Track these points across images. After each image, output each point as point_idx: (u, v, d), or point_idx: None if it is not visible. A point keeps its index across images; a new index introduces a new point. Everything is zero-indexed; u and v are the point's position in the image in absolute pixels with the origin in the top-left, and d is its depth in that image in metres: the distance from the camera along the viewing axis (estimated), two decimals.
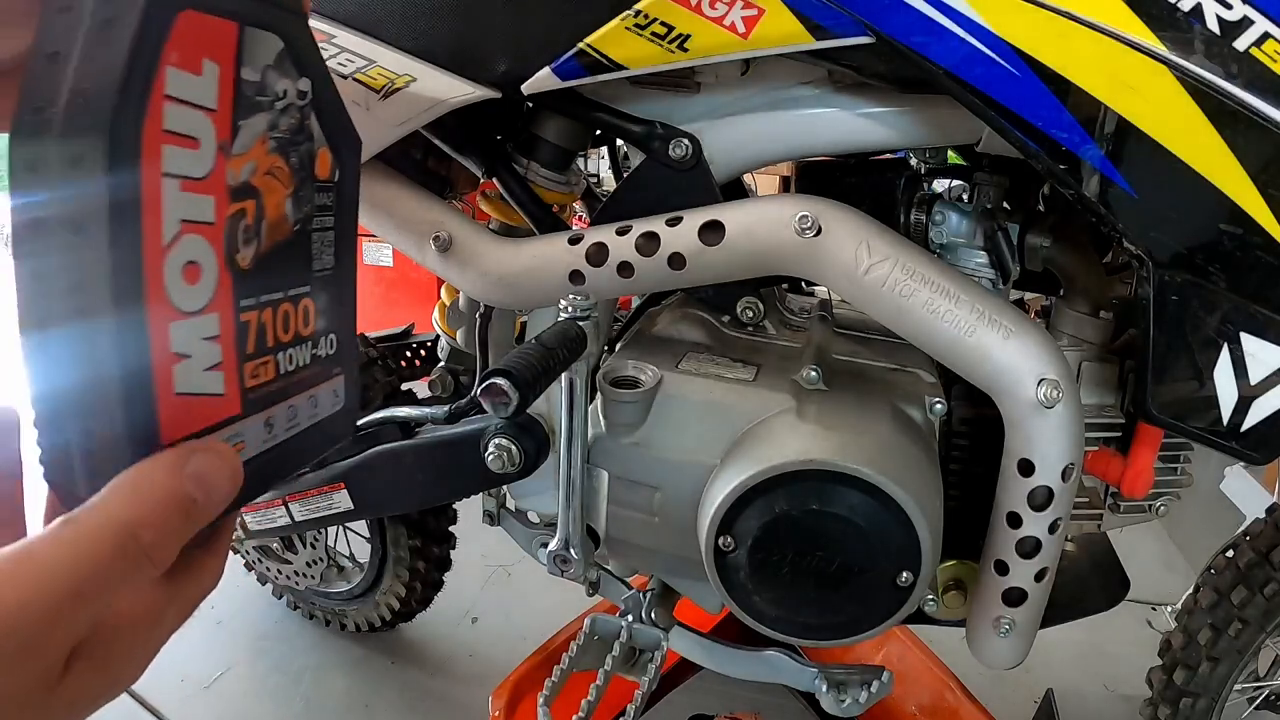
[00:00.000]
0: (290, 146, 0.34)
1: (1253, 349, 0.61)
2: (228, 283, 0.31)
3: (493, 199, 0.92)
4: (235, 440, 0.32)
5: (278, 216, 0.34)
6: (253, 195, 0.32)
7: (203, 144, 0.29)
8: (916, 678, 1.25)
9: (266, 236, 0.33)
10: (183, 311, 0.29)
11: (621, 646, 0.83)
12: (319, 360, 0.37)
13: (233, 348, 0.31)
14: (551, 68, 0.70)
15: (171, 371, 0.28)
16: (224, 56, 0.30)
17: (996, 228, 0.80)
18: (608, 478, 0.76)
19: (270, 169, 0.33)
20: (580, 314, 0.67)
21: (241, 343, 0.32)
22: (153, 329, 0.27)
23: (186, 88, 0.28)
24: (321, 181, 0.37)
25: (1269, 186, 0.56)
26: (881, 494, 0.64)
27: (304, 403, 0.36)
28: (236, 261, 0.31)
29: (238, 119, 0.31)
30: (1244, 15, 0.54)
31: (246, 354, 0.32)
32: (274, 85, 0.33)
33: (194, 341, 0.29)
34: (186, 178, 0.28)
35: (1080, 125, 0.58)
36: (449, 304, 1.06)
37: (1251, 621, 0.96)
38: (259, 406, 0.33)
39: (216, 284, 0.30)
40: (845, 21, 0.61)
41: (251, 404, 0.33)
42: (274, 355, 0.34)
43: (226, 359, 0.31)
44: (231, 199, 0.31)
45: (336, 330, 0.38)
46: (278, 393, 0.34)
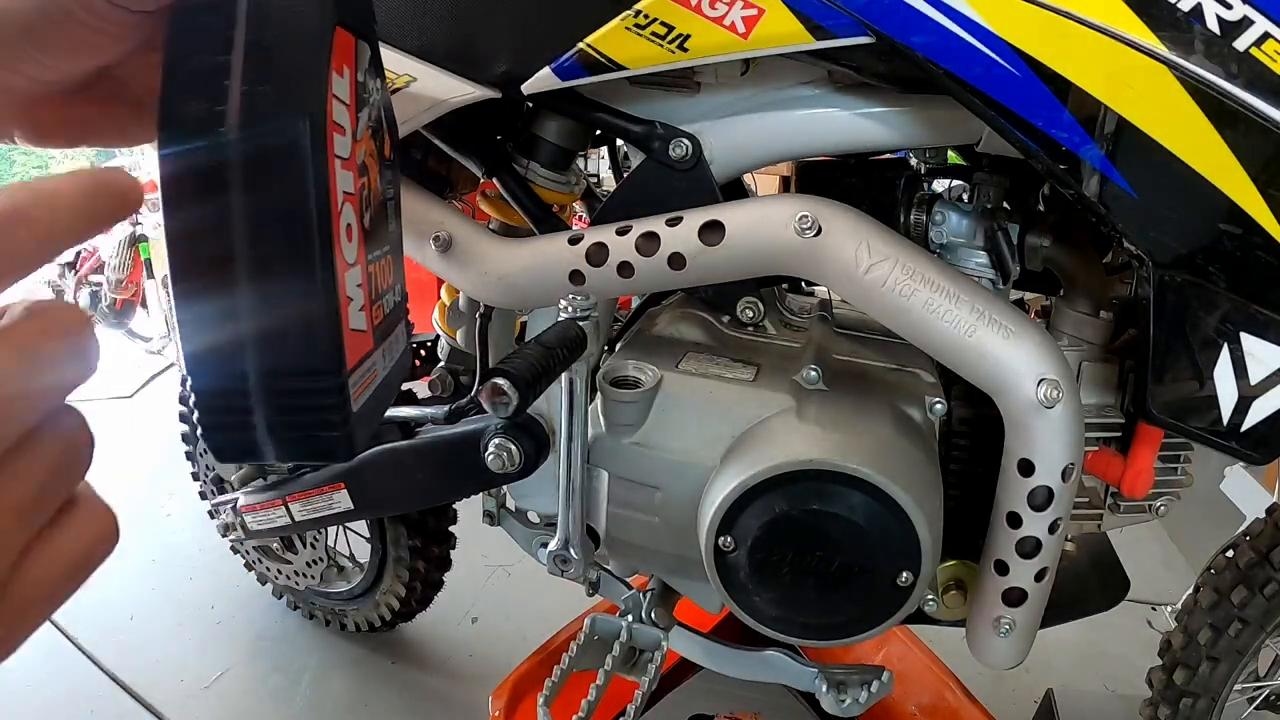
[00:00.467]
0: (377, 134, 0.42)
1: (1253, 349, 0.61)
2: (363, 240, 0.38)
3: (493, 199, 0.92)
4: (372, 369, 0.39)
5: (376, 189, 0.41)
6: (366, 173, 0.39)
7: (346, 131, 0.36)
8: (916, 678, 1.25)
9: (373, 204, 0.41)
10: (349, 262, 0.36)
11: (621, 646, 0.83)
12: (396, 305, 0.45)
13: (367, 293, 0.38)
14: (551, 68, 0.70)
15: (347, 310, 0.35)
16: (350, 63, 0.37)
17: (996, 228, 0.80)
18: (608, 478, 0.76)
19: (370, 152, 0.40)
20: (580, 314, 0.67)
21: (371, 289, 0.39)
22: (339, 275, 0.34)
23: (338, 88, 0.35)
24: (388, 161, 0.44)
25: (1269, 186, 0.56)
26: (881, 494, 0.64)
27: (394, 339, 0.44)
28: (364, 223, 0.39)
29: (358, 112, 0.38)
30: (1244, 15, 0.54)
31: (373, 298, 0.40)
32: (370, 84, 0.40)
33: (354, 287, 0.36)
34: (342, 158, 0.35)
35: (1080, 125, 0.58)
36: (449, 304, 1.06)
37: (1251, 621, 0.96)
38: (380, 340, 0.40)
39: (359, 241, 0.37)
40: (845, 21, 0.61)
41: (378, 338, 0.40)
42: (381, 300, 0.42)
43: (366, 301, 0.38)
44: (358, 174, 0.38)
45: (400, 280, 0.46)
46: (384, 331, 0.42)
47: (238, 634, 1.57)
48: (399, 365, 0.45)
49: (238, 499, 1.20)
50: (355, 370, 0.36)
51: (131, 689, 1.42)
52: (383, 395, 0.40)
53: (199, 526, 1.61)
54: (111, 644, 1.52)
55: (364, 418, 0.37)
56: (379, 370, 0.40)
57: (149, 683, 1.44)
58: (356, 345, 0.36)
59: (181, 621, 1.60)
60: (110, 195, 0.26)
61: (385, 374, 0.41)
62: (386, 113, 0.44)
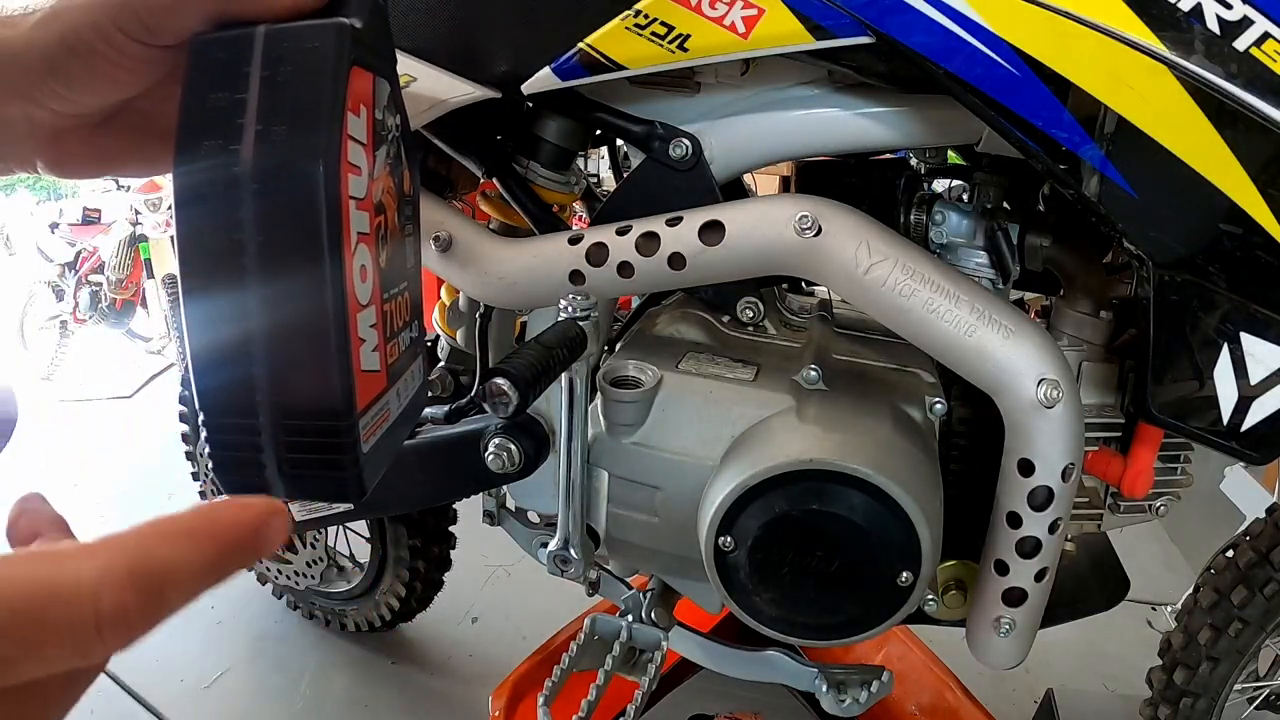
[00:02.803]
0: (395, 169, 0.41)
1: (1253, 349, 0.60)
2: (378, 280, 0.38)
3: (493, 199, 0.92)
4: (385, 409, 0.39)
5: (394, 227, 0.41)
6: (383, 211, 0.39)
7: (363, 171, 0.36)
8: (916, 678, 1.25)
9: (390, 243, 0.40)
10: (361, 304, 0.35)
11: (621, 646, 0.83)
12: (413, 342, 0.44)
13: (381, 332, 0.38)
14: (551, 68, 0.70)
15: (359, 353, 0.35)
16: (368, 102, 0.36)
17: (996, 228, 0.80)
18: (608, 478, 0.76)
19: (388, 189, 0.40)
20: (580, 314, 0.67)
21: (386, 328, 0.39)
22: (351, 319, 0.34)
23: (354, 128, 0.35)
24: (407, 196, 0.44)
25: (1269, 186, 0.56)
26: (882, 494, 0.64)
27: (409, 377, 0.43)
28: (380, 262, 0.38)
29: (375, 150, 0.37)
30: (1244, 15, 0.54)
31: (388, 337, 0.39)
32: (388, 121, 0.40)
33: (366, 328, 0.36)
34: (357, 199, 0.35)
35: (1080, 125, 0.58)
36: (449, 304, 1.06)
37: (1251, 621, 0.96)
38: (395, 380, 0.40)
39: (374, 282, 0.37)
40: (845, 21, 0.61)
41: (392, 377, 0.40)
42: (398, 338, 0.41)
43: (380, 341, 0.38)
44: (375, 213, 0.37)
45: (418, 317, 0.46)
46: (399, 370, 0.41)
47: (238, 634, 1.57)
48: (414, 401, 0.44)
49: None
50: (367, 411, 0.36)
51: (131, 689, 1.42)
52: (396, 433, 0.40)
53: None
54: None
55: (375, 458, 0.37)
56: (392, 409, 0.39)
57: (149, 683, 1.44)
58: (368, 386, 0.36)
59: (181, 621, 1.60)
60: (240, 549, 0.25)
61: (400, 411, 0.41)
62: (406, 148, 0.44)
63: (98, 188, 4.26)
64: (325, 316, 0.32)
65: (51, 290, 3.93)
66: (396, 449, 0.40)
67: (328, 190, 0.32)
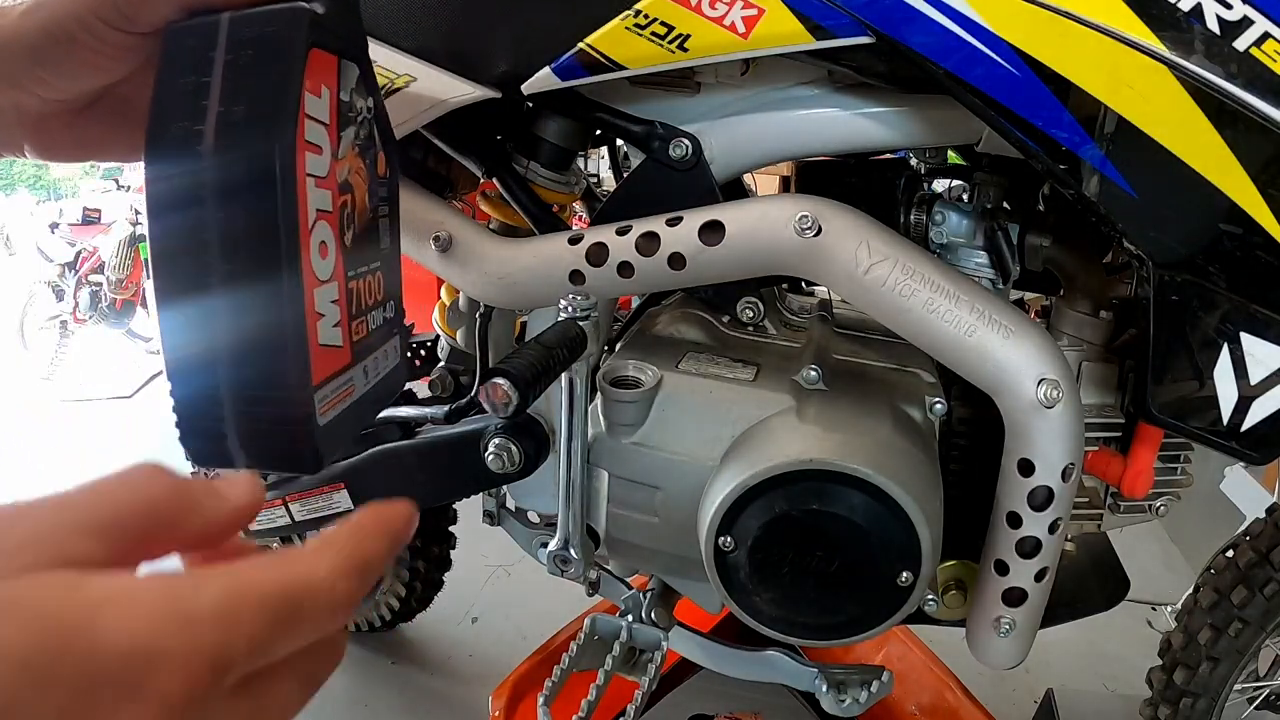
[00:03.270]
0: (366, 151, 0.43)
1: (1253, 349, 0.60)
2: (341, 258, 0.39)
3: (493, 199, 0.92)
4: (348, 384, 0.40)
5: (363, 206, 0.42)
6: (349, 190, 0.40)
7: (324, 150, 0.37)
8: (916, 678, 1.25)
9: (358, 222, 0.41)
10: (320, 279, 0.37)
11: (621, 646, 0.83)
12: (386, 321, 0.46)
13: (346, 309, 0.39)
14: (551, 67, 0.70)
15: (317, 326, 0.36)
16: (330, 82, 0.38)
17: (996, 228, 0.80)
18: (608, 478, 0.76)
19: (356, 169, 0.41)
20: (580, 314, 0.67)
21: (350, 305, 0.40)
22: (306, 293, 0.35)
23: (314, 107, 0.36)
24: (381, 178, 0.45)
25: (1269, 186, 0.56)
26: (882, 494, 0.64)
27: (380, 355, 0.45)
28: (345, 241, 0.40)
29: (340, 130, 0.39)
30: (1244, 15, 0.54)
31: (353, 314, 0.40)
32: (356, 103, 0.41)
33: (326, 304, 0.37)
34: (317, 176, 0.36)
35: (1080, 125, 0.58)
36: (449, 304, 1.06)
37: (1251, 621, 0.96)
38: (361, 357, 0.42)
39: (335, 258, 0.38)
40: (845, 21, 0.61)
41: (358, 354, 0.41)
42: (366, 316, 0.42)
43: (343, 318, 0.39)
44: (339, 192, 0.39)
45: (394, 297, 0.47)
46: (368, 347, 0.43)
47: None
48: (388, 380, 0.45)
49: None
50: (325, 385, 0.37)
51: None
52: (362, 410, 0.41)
53: None
54: None
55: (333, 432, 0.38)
56: (356, 386, 0.41)
57: None
58: (328, 360, 0.37)
59: None
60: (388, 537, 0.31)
61: (367, 389, 0.42)
62: (381, 130, 0.45)
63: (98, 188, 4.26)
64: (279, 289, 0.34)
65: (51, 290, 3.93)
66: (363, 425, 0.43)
67: (282, 164, 0.33)
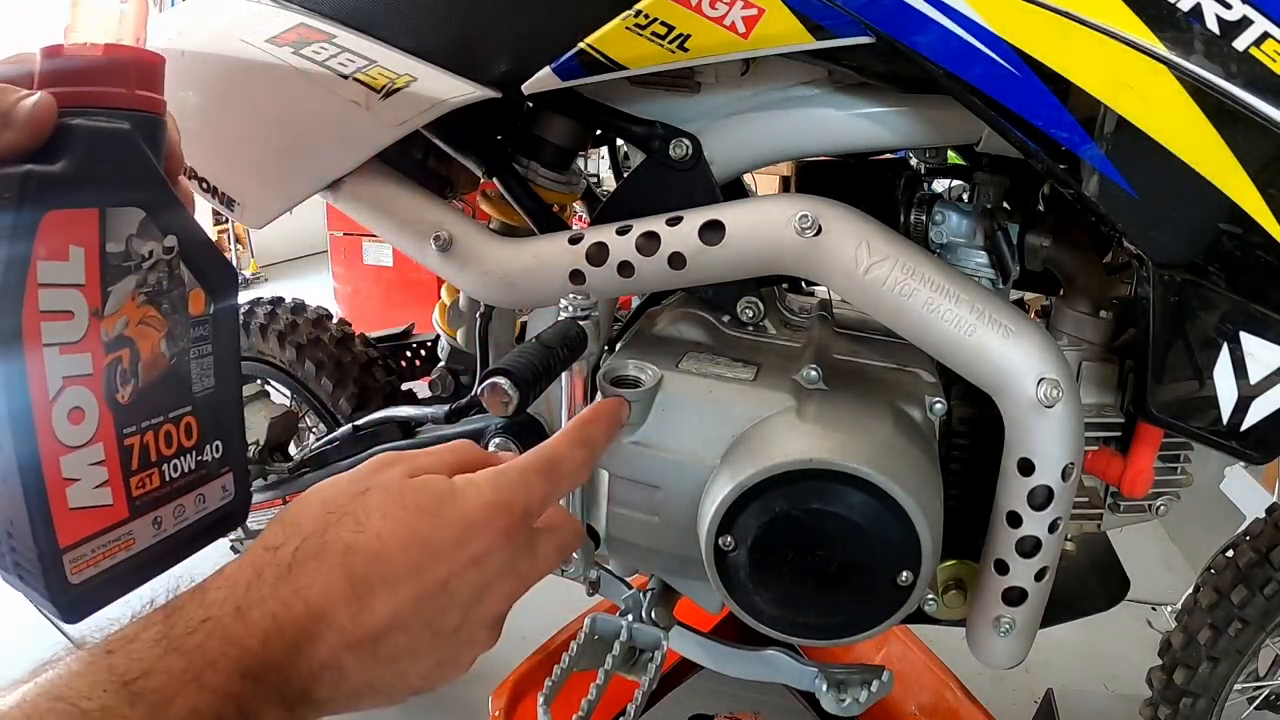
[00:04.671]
0: (161, 296, 0.40)
1: (1252, 348, 0.60)
2: (109, 417, 0.38)
3: (493, 199, 0.92)
4: (125, 538, 0.39)
5: (153, 355, 0.40)
6: (126, 344, 0.38)
7: (76, 314, 0.36)
8: (916, 678, 1.25)
9: (144, 374, 0.40)
10: (70, 446, 0.36)
11: (621, 646, 0.83)
12: (204, 465, 0.44)
13: (118, 467, 0.38)
14: (552, 67, 0.70)
15: (65, 493, 0.36)
16: (88, 239, 0.36)
17: (996, 228, 0.80)
18: (608, 477, 0.76)
19: (143, 319, 0.39)
20: (580, 313, 0.67)
21: (125, 462, 0.39)
22: (46, 465, 0.35)
23: (56, 274, 0.34)
24: (196, 318, 0.43)
25: (1269, 186, 0.56)
26: (882, 494, 0.64)
27: (191, 501, 0.43)
28: (116, 399, 0.38)
29: (106, 286, 0.37)
30: (1243, 15, 0.54)
31: (131, 470, 0.39)
32: (139, 249, 0.39)
33: (82, 467, 0.37)
34: (64, 343, 0.35)
35: (1080, 125, 0.58)
36: (449, 304, 1.06)
37: (1251, 621, 0.96)
38: (146, 509, 0.40)
39: (99, 420, 0.37)
40: (845, 21, 0.61)
41: (139, 508, 0.40)
42: (158, 467, 0.41)
43: (113, 476, 0.38)
44: (107, 351, 0.37)
45: (222, 437, 0.45)
46: (164, 496, 0.41)
47: None
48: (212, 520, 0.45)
49: None
50: (83, 544, 0.37)
51: None
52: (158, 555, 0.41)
53: None
54: None
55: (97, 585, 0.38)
56: (139, 538, 0.40)
57: None
58: (87, 521, 0.37)
59: None
60: None
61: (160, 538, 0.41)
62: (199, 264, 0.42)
63: None
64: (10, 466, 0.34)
65: None
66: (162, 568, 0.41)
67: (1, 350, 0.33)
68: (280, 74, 0.79)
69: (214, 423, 0.44)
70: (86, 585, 0.37)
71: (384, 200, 0.85)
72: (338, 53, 0.77)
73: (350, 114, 0.77)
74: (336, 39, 0.78)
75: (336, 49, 0.77)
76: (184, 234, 0.41)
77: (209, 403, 0.44)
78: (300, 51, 0.79)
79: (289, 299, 1.28)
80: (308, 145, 0.84)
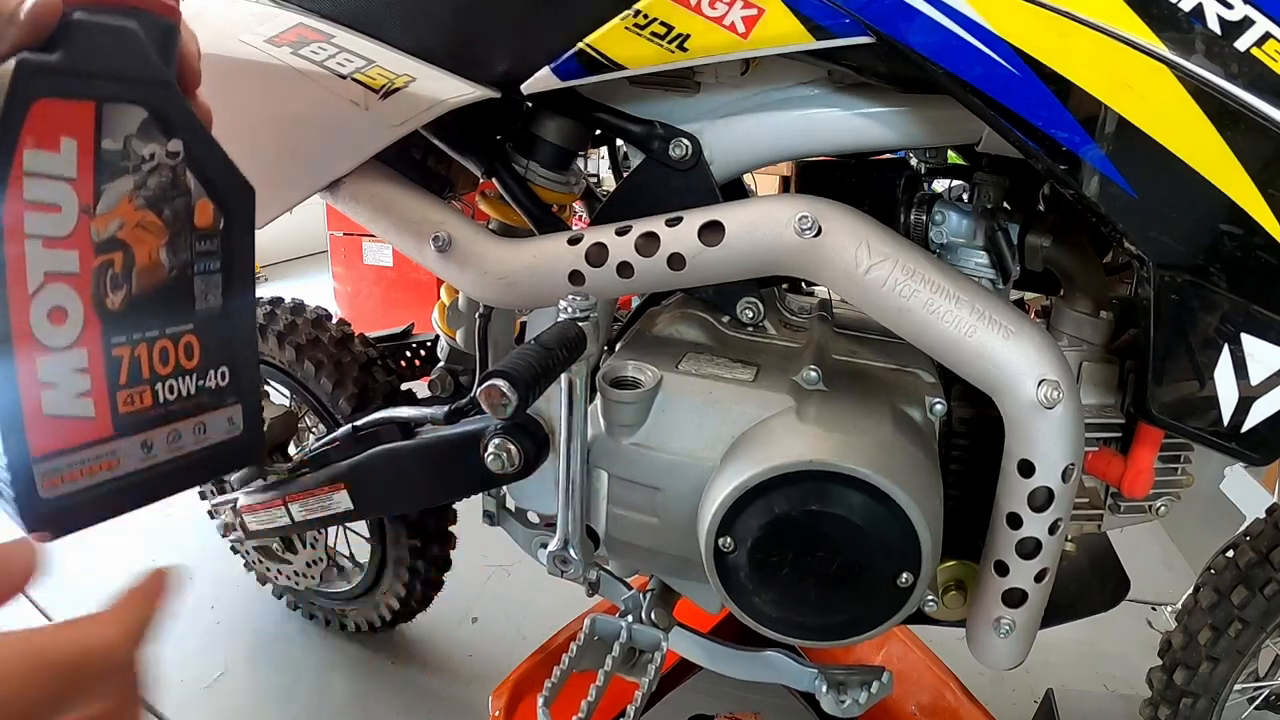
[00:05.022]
0: (162, 201, 0.38)
1: (1253, 349, 0.60)
2: (96, 323, 0.36)
3: (492, 199, 0.92)
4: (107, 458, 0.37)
5: (150, 263, 0.38)
6: (120, 248, 0.37)
7: (64, 208, 0.34)
8: (916, 678, 1.24)
9: (138, 282, 0.38)
10: (49, 348, 0.34)
11: (621, 647, 0.83)
12: (207, 391, 0.41)
13: (103, 378, 0.36)
14: (551, 67, 0.70)
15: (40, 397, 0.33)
16: (82, 132, 0.34)
17: (996, 228, 0.79)
18: (607, 478, 0.76)
19: (140, 223, 0.38)
20: (580, 314, 0.67)
21: (113, 374, 0.37)
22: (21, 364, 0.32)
23: (45, 164, 0.33)
24: (203, 230, 0.41)
25: (1269, 186, 0.56)
26: (881, 494, 0.64)
27: (190, 429, 0.41)
28: (105, 304, 0.36)
29: (101, 184, 0.35)
30: (1245, 15, 0.54)
31: (118, 384, 0.37)
32: (139, 150, 0.37)
33: (63, 372, 0.34)
34: (49, 237, 0.33)
35: (1080, 125, 0.58)
36: (449, 304, 1.06)
37: (1251, 621, 0.96)
38: (135, 430, 0.38)
39: (84, 324, 0.35)
40: (845, 21, 0.61)
41: (125, 427, 0.38)
42: (151, 385, 0.38)
43: (96, 387, 0.36)
44: (97, 252, 0.35)
45: (230, 364, 0.42)
46: (157, 419, 0.39)
47: (238, 634, 1.57)
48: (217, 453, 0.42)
49: (238, 499, 1.20)
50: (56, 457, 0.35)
51: None
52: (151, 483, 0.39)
53: (199, 526, 1.61)
54: None
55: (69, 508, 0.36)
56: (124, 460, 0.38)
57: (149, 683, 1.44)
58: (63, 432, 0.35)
59: (181, 621, 1.60)
60: None
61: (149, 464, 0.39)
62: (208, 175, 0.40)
63: None
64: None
65: None
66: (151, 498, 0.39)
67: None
68: (279, 74, 0.79)
69: (220, 347, 0.42)
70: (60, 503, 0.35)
71: (383, 200, 0.85)
72: (336, 53, 0.77)
73: (349, 114, 0.77)
74: (335, 39, 0.78)
75: (335, 49, 0.77)
76: (192, 140, 0.40)
77: (214, 324, 0.41)
78: (299, 51, 0.79)
79: (289, 299, 1.28)
80: (307, 145, 0.83)
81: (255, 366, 0.44)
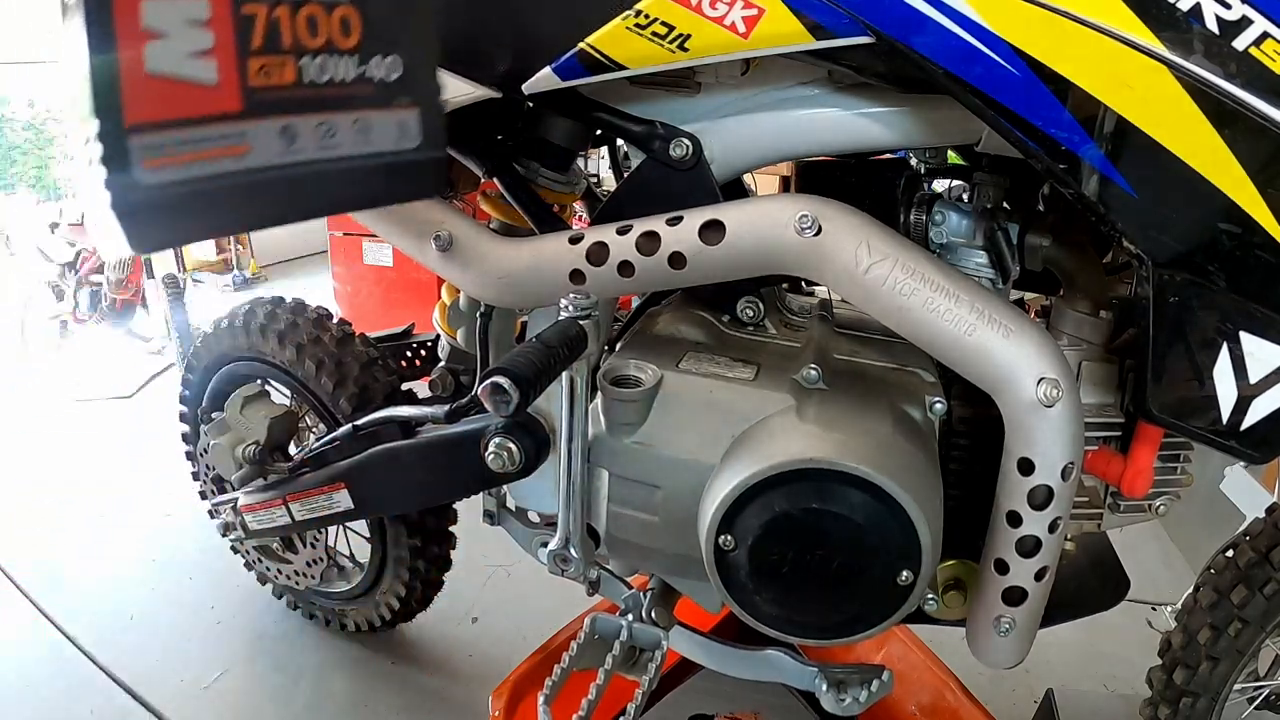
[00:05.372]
0: None
1: (1252, 348, 0.61)
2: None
3: (493, 199, 0.92)
4: (235, 140, 0.30)
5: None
6: None
7: None
8: (916, 677, 1.24)
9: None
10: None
11: (622, 646, 0.83)
12: (369, 81, 0.33)
13: (230, 37, 0.29)
14: (552, 67, 0.70)
15: (142, 51, 0.26)
16: None
17: (996, 228, 0.80)
18: (608, 477, 0.76)
19: None
20: (581, 313, 0.67)
21: (243, 34, 0.29)
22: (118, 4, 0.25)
23: None
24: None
25: (1268, 186, 0.56)
26: (882, 493, 0.64)
27: (348, 124, 0.33)
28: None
29: None
30: (1243, 15, 0.54)
31: (250, 49, 0.30)
32: None
33: (172, 21, 0.27)
34: None
35: (1080, 125, 0.58)
36: (449, 304, 1.06)
37: (1251, 621, 0.96)
38: (272, 111, 0.30)
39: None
40: (845, 21, 0.61)
41: (258, 105, 0.30)
42: (295, 57, 0.31)
43: (221, 46, 0.28)
44: None
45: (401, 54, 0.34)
46: (303, 102, 0.31)
47: (238, 634, 1.57)
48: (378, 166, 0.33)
49: (238, 499, 1.20)
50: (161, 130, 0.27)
51: (131, 689, 1.42)
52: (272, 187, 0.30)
53: (199, 526, 1.61)
54: (111, 644, 1.52)
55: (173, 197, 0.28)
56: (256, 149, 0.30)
57: (149, 683, 1.44)
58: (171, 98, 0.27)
59: (181, 621, 1.60)
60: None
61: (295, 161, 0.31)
62: None
63: None
64: None
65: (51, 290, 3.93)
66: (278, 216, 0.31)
67: None
68: None
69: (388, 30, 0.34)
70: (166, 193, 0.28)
71: None
72: None
73: None
74: None
75: None
76: None
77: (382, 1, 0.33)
78: None
79: (289, 299, 1.28)
80: None
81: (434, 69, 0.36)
